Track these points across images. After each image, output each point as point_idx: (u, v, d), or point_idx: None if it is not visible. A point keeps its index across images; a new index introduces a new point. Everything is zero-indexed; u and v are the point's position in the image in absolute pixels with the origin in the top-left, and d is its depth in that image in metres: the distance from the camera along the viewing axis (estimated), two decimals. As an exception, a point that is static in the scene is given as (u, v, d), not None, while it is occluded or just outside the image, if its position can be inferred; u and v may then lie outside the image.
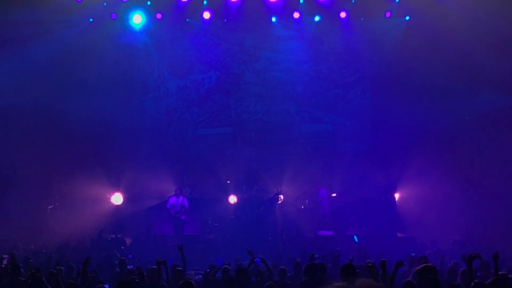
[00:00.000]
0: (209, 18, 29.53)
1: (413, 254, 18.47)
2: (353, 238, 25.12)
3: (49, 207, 27.52)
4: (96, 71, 27.60)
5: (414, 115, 27.29)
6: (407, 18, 28.85)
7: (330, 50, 30.00)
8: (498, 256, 12.67)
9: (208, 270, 16.10)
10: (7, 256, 18.76)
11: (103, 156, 27.77)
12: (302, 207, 27.35)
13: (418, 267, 10.82)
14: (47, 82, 27.38)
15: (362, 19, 29.44)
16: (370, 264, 10.23)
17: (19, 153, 26.17)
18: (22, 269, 15.39)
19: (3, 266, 16.90)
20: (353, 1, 29.02)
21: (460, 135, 27.19)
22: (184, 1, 29.19)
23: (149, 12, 29.34)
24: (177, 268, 15.86)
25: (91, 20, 28.63)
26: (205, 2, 29.23)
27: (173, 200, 26.46)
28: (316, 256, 15.52)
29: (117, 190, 28.48)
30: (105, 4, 28.53)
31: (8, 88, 27.15)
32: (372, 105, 29.70)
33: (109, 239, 25.80)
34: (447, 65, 26.87)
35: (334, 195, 27.50)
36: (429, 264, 11.01)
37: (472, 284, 10.91)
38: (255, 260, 16.25)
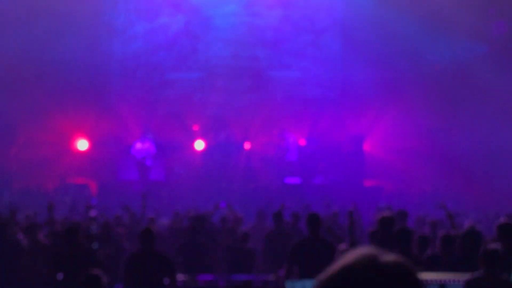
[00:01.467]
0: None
1: (382, 205, 18.52)
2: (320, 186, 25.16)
3: (12, 151, 27.15)
4: (60, 14, 27.01)
5: (385, 63, 27.13)
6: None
7: (301, -6, 29.72)
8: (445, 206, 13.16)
9: (173, 218, 16.08)
10: None
11: (68, 100, 27.27)
12: (269, 154, 27.17)
13: (379, 217, 10.94)
14: (10, 26, 26.77)
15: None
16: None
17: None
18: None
19: None
20: None
21: (431, 85, 27.07)
22: None
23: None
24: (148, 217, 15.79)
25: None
26: None
27: (138, 145, 26.19)
28: (287, 206, 15.58)
29: (82, 134, 28.15)
30: None
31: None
32: (343, 52, 29.46)
33: (73, 184, 25.62)
34: (421, 14, 26.65)
35: (302, 142, 27.34)
36: (387, 215, 11.07)
37: (443, 235, 10.97)
38: (221, 205, 16.23)
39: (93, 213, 16.77)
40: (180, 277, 11.63)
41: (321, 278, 2.10)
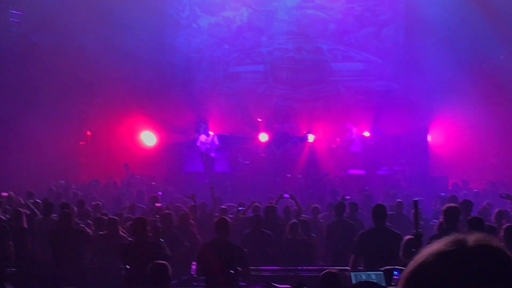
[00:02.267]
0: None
1: (443, 194, 18.42)
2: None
3: (80, 143, 27.59)
4: (126, 8, 27.29)
5: (448, 55, 26.78)
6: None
7: (364, -13, 29.62)
8: None
9: (240, 208, 16.16)
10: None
11: (134, 94, 27.58)
12: (333, 145, 27.17)
13: (444, 207, 10.86)
14: (79, 23, 27.03)
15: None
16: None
17: (51, 87, 26.04)
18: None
19: (33, 201, 16.87)
20: None
21: (495, 79, 26.66)
22: None
23: None
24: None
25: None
26: None
27: (203, 137, 26.45)
28: (347, 197, 15.60)
29: (148, 128, 28.44)
30: None
31: (43, 24, 27.10)
32: (406, 44, 29.26)
33: (138, 176, 25.92)
34: (484, 8, 26.38)
35: (365, 133, 27.27)
36: (452, 204, 11.01)
37: (507, 227, 10.89)
38: (284, 196, 16.27)
39: (159, 204, 17.02)
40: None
41: (411, 267, 2.11)
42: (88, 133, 28.04)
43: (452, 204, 11.05)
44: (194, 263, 11.14)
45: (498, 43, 26.56)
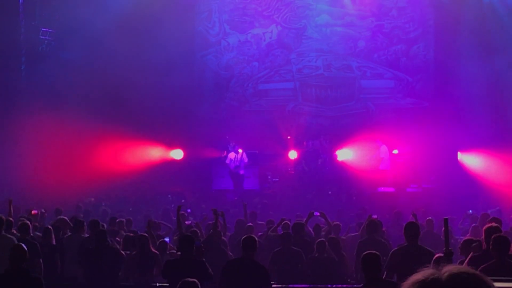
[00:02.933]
0: (271, -30, 29.43)
1: (471, 212, 18.31)
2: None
3: (109, 161, 27.65)
4: (155, 26, 27.45)
5: (478, 73, 26.61)
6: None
7: (393, 5, 29.49)
8: None
9: (270, 226, 16.14)
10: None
11: (163, 110, 27.68)
12: (363, 162, 27.08)
13: (486, 226, 10.71)
14: (110, 38, 27.11)
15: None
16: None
17: (81, 104, 26.15)
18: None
19: (61, 218, 16.86)
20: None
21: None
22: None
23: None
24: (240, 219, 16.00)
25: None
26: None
27: (232, 155, 26.48)
28: (374, 216, 15.55)
29: (177, 145, 28.49)
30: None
31: (73, 41, 27.27)
32: (435, 61, 29.18)
33: (169, 195, 25.98)
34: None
35: (395, 151, 27.18)
36: (494, 224, 10.87)
37: None
38: (315, 214, 16.22)
39: (188, 222, 17.02)
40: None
41: None
42: (118, 150, 28.08)
43: (494, 224, 10.93)
44: None
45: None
